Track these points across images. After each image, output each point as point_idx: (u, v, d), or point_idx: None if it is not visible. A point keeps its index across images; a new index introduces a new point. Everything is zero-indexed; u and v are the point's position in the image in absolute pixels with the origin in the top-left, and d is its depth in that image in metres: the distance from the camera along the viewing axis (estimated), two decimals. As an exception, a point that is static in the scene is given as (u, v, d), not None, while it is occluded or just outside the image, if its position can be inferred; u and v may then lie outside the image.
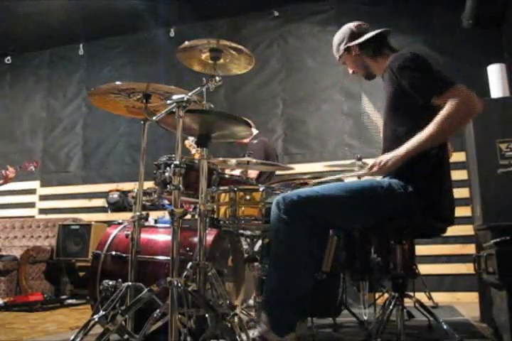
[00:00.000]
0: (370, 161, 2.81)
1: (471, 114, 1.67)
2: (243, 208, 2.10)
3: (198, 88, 1.93)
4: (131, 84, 2.08)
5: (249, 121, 3.47)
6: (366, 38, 1.98)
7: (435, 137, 1.65)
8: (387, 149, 1.85)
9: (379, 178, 1.89)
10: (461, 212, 2.42)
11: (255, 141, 3.84)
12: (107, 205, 5.23)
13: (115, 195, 5.16)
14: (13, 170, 4.18)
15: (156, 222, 4.36)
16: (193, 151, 3.50)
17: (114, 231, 2.47)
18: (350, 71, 2.10)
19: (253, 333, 1.64)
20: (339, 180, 2.25)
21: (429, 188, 1.74)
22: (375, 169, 1.75)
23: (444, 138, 1.74)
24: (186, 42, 1.97)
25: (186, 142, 3.63)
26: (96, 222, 4.62)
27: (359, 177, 2.52)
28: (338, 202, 1.71)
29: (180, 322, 1.64)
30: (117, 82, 2.08)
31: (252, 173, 3.56)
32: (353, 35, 2.01)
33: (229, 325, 1.69)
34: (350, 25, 2.04)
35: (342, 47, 2.03)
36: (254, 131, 4.01)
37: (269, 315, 1.62)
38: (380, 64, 1.98)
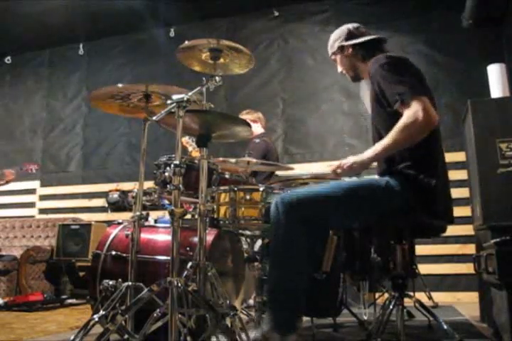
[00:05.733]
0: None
1: (425, 127, 1.66)
2: (243, 208, 2.10)
3: (198, 88, 1.93)
4: (131, 87, 2.08)
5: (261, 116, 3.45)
6: (362, 40, 2.00)
7: (396, 145, 1.68)
8: None
9: (377, 176, 1.89)
10: (461, 212, 2.42)
11: (257, 140, 3.78)
12: (107, 205, 5.23)
13: (115, 195, 5.16)
14: (12, 172, 4.17)
15: (156, 221, 4.36)
16: (190, 149, 3.48)
17: (114, 231, 2.47)
18: (339, 70, 2.11)
19: (255, 333, 1.64)
20: (305, 183, 2.27)
21: (426, 185, 1.73)
22: (339, 170, 1.77)
23: (405, 146, 1.72)
24: (186, 42, 1.97)
25: (183, 139, 3.57)
26: (96, 221, 4.62)
27: (324, 177, 2.48)
28: (337, 201, 1.72)
29: (180, 322, 1.64)
30: (119, 85, 2.07)
31: None
32: (350, 36, 2.03)
33: (229, 324, 1.69)
34: (349, 26, 2.06)
35: (336, 44, 2.05)
36: (260, 130, 4.00)
37: (271, 315, 1.62)
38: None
